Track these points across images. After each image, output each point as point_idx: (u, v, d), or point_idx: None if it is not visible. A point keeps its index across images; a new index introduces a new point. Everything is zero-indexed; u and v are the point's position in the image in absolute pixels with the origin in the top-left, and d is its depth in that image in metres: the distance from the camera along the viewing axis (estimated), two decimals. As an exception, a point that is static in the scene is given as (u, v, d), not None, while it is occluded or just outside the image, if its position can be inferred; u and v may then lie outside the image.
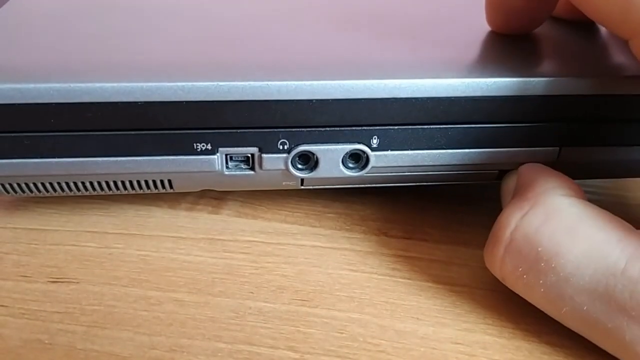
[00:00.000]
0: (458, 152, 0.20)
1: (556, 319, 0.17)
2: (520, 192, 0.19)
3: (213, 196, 0.23)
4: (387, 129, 0.19)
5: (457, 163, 0.20)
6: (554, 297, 0.17)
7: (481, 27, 0.21)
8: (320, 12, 0.23)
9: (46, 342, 0.17)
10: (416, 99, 0.18)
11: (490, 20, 0.21)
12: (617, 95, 0.19)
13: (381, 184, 0.21)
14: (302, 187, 0.21)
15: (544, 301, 0.17)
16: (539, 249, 0.17)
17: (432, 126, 0.19)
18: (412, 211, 0.23)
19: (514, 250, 0.17)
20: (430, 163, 0.20)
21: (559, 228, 0.17)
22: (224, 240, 0.21)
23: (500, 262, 0.18)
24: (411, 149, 0.20)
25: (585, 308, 0.16)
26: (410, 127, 0.19)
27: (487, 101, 0.19)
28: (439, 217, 0.23)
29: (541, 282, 0.17)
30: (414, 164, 0.20)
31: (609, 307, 0.16)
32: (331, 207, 0.23)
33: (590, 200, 0.18)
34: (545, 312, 0.17)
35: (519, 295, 0.19)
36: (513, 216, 0.17)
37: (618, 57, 0.20)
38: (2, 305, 0.19)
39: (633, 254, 0.16)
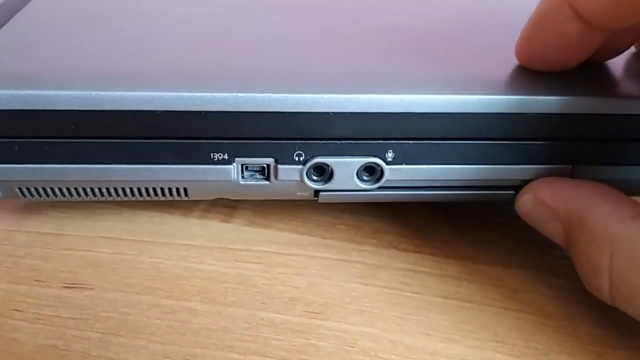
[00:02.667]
0: (472, 168, 0.20)
1: None
2: (581, 226, 0.18)
3: (225, 204, 0.24)
4: (402, 143, 0.19)
5: (471, 178, 0.20)
6: None
7: (497, 42, 0.22)
8: (339, 25, 0.23)
9: (61, 348, 0.18)
10: (432, 114, 0.19)
11: (527, 54, 0.20)
12: (630, 115, 0.19)
13: (394, 201, 0.21)
14: (318, 201, 0.21)
15: None
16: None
17: (446, 141, 0.19)
18: (423, 225, 0.23)
19: (618, 292, 0.17)
20: (445, 178, 0.20)
21: None
22: (236, 249, 0.22)
23: (611, 301, 0.17)
24: (426, 164, 0.20)
25: None
26: (425, 141, 0.19)
27: (502, 118, 0.19)
28: (449, 231, 0.23)
29: None
30: (428, 178, 0.20)
31: None
32: (342, 219, 0.23)
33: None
34: None
35: (529, 313, 0.20)
36: (600, 262, 0.17)
37: (632, 78, 0.21)
38: (17, 310, 0.19)
39: None
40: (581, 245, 0.18)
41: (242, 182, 0.20)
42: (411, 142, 0.19)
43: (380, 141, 0.19)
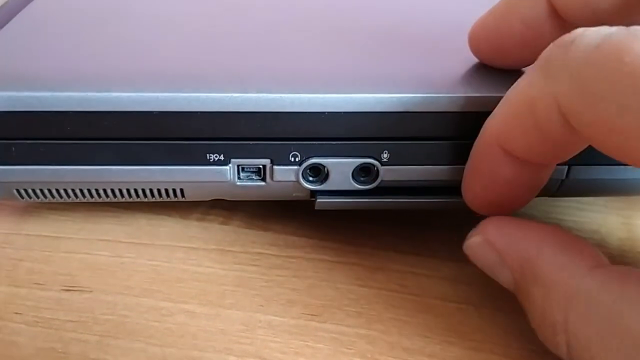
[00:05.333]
0: None
1: None
2: (534, 277, 0.17)
3: (224, 207, 0.24)
4: (397, 143, 0.19)
5: None
6: None
7: None
8: (334, 24, 0.23)
9: (60, 350, 0.18)
10: (427, 114, 0.19)
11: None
12: None
13: (392, 208, 0.21)
14: (315, 208, 0.21)
15: None
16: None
17: (443, 141, 0.19)
18: (421, 227, 0.23)
19: (576, 352, 0.15)
20: (440, 178, 0.20)
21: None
22: (235, 251, 0.22)
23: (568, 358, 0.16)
24: (421, 164, 0.20)
25: None
26: (421, 142, 0.19)
27: None
28: (447, 234, 0.23)
29: None
30: (423, 178, 0.20)
31: None
32: (341, 221, 0.23)
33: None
34: None
35: (525, 316, 0.19)
36: (555, 318, 0.16)
37: None
38: (16, 313, 0.19)
39: None
40: (535, 299, 0.16)
41: (238, 183, 0.20)
42: (407, 142, 0.19)
43: (375, 141, 0.19)
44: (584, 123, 0.15)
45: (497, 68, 0.20)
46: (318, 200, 0.20)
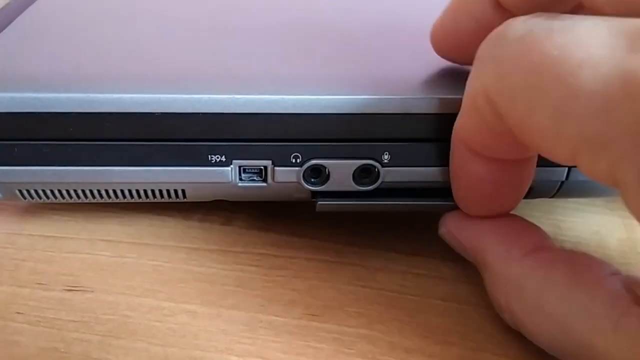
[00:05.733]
0: None
1: None
2: (483, 265, 0.19)
3: (225, 207, 0.24)
4: (398, 144, 0.19)
5: None
6: None
7: None
8: (336, 26, 0.23)
9: (62, 350, 0.18)
10: (427, 115, 0.19)
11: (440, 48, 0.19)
12: None
13: (393, 210, 0.22)
14: (316, 210, 0.21)
15: None
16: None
17: (443, 143, 0.20)
18: (421, 228, 0.23)
19: (519, 329, 0.18)
20: (441, 179, 0.20)
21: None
22: (236, 252, 0.22)
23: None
24: (422, 166, 0.20)
25: None
26: (421, 143, 0.20)
27: None
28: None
29: None
30: (424, 180, 0.20)
31: None
32: (342, 222, 0.23)
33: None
34: None
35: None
36: (499, 301, 0.18)
37: None
38: (18, 313, 0.19)
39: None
40: (486, 282, 0.19)
41: (239, 184, 0.20)
42: (407, 143, 0.19)
43: (376, 143, 0.19)
44: (507, 116, 0.15)
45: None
46: (319, 202, 0.20)
